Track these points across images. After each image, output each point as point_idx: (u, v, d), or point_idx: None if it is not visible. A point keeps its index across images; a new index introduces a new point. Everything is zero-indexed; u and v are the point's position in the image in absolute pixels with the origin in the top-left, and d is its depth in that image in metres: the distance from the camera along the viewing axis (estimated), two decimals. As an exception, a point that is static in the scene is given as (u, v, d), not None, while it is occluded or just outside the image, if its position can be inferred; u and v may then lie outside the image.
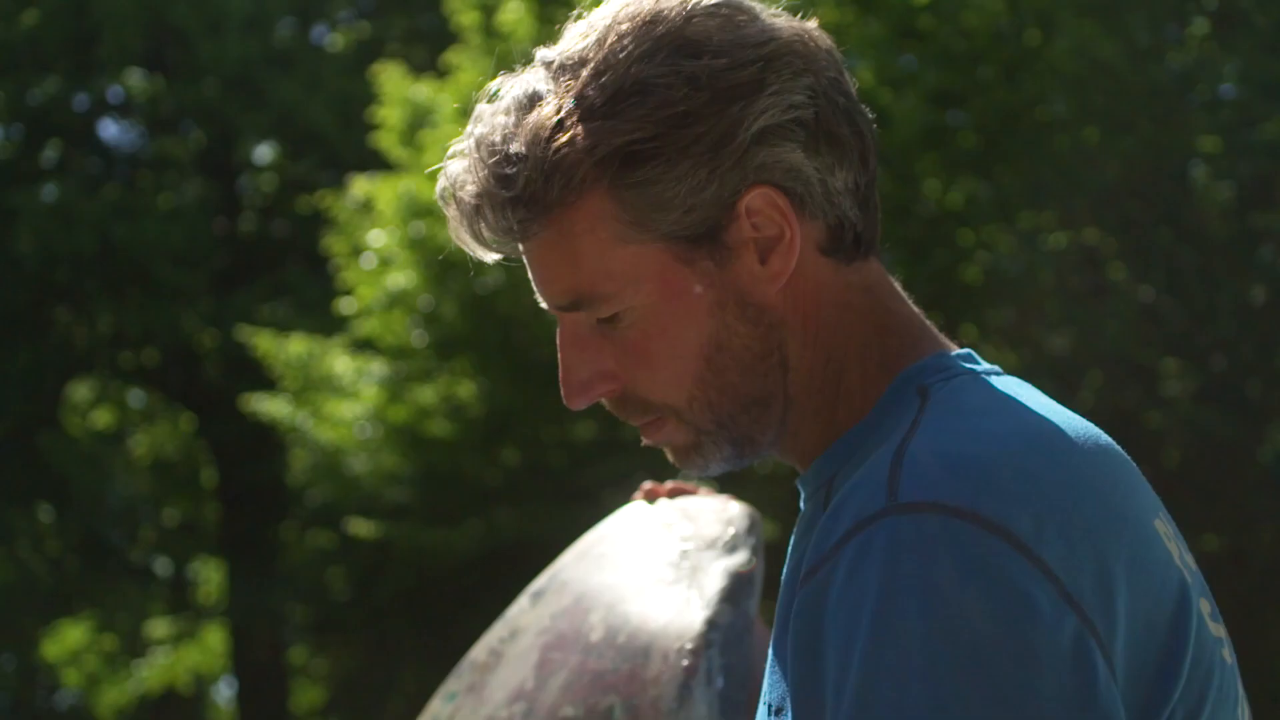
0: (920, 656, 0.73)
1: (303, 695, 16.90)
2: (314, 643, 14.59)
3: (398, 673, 13.33)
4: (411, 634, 11.28)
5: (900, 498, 0.78)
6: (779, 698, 0.87)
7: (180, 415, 16.27)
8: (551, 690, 1.25)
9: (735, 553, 1.27)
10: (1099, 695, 0.74)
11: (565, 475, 8.02)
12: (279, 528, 14.28)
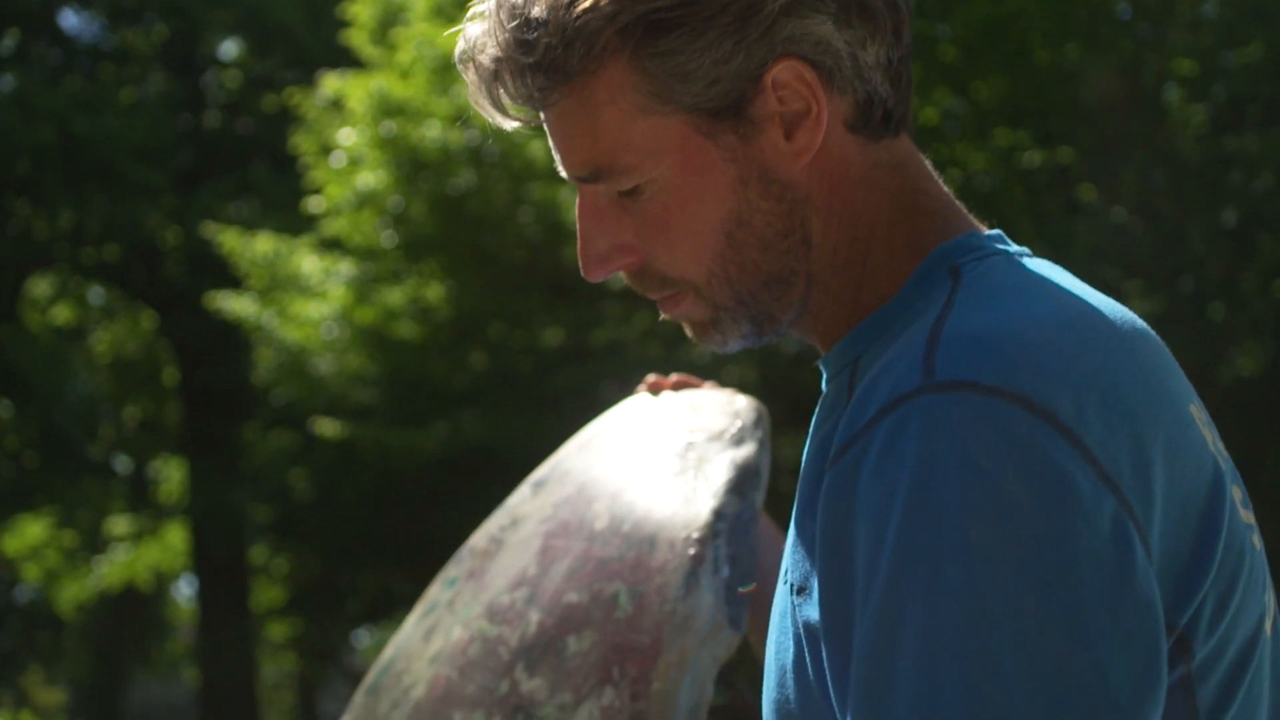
0: (956, 536, 0.73)
1: (263, 594, 16.98)
2: (275, 543, 14.62)
3: (358, 574, 13.40)
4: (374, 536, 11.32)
5: (937, 376, 0.77)
6: (802, 577, 0.87)
7: (141, 313, 16.12)
8: (555, 577, 1.25)
9: (742, 445, 1.26)
10: (1136, 578, 0.74)
11: (532, 381, 8.02)
12: (242, 428, 14.24)
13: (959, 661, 0.71)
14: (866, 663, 0.75)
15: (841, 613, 0.79)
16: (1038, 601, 0.72)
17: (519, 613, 1.25)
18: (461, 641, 1.28)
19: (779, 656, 0.90)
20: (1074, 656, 0.71)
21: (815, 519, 0.88)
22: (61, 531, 16.92)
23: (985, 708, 0.70)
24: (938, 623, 0.72)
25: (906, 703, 0.73)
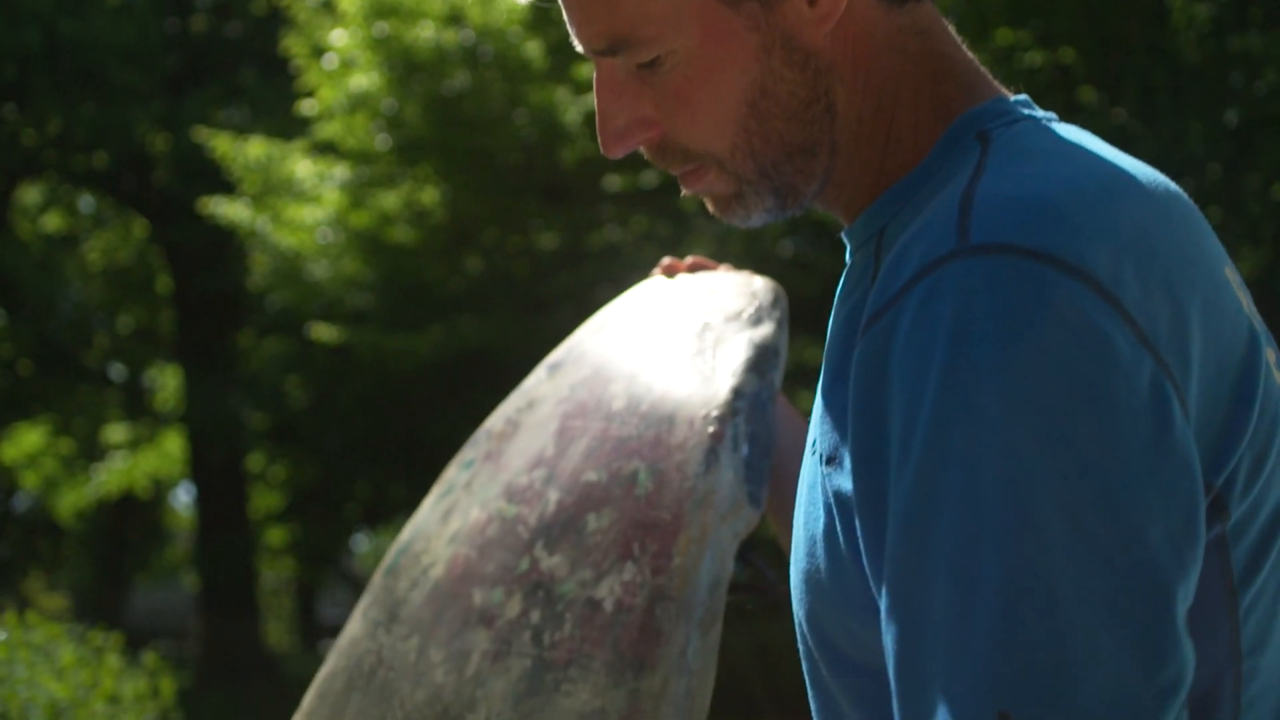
0: (994, 398, 0.73)
1: (260, 501, 17.10)
2: (272, 449, 14.69)
3: (355, 479, 13.49)
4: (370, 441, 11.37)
5: (972, 239, 0.76)
6: (831, 447, 0.87)
7: (133, 221, 16.04)
8: (573, 457, 1.25)
9: (760, 325, 1.26)
10: (1175, 438, 0.73)
11: (528, 285, 8.00)
12: (237, 334, 14.24)
13: (998, 522, 0.71)
14: (903, 528, 0.75)
15: (875, 480, 0.79)
16: (1077, 461, 0.71)
17: (537, 492, 1.26)
18: (480, 522, 1.29)
19: (808, 526, 0.90)
20: (1114, 516, 0.71)
21: (845, 388, 0.87)
22: (59, 439, 16.99)
23: (1025, 568, 0.70)
24: (976, 484, 0.72)
25: (945, 566, 0.72)
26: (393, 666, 1.28)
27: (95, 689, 4.75)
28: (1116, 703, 0.69)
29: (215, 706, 11.81)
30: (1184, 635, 0.71)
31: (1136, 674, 0.69)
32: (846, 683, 0.90)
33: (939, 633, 0.72)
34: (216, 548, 14.97)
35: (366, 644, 1.32)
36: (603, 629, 1.14)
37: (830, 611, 0.88)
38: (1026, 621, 0.69)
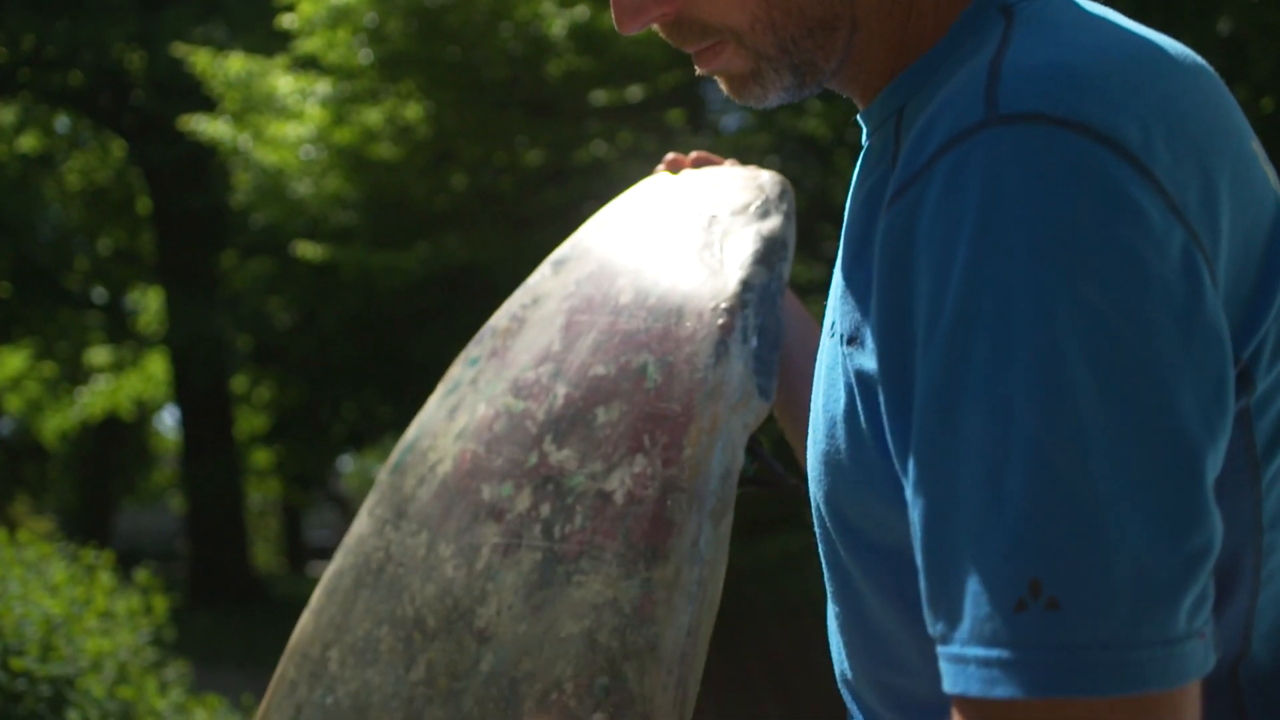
0: (1026, 266, 0.72)
1: (246, 423, 17.11)
2: (256, 370, 14.67)
3: (341, 400, 13.49)
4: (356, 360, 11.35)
5: (1000, 109, 0.75)
6: (852, 327, 0.86)
7: (111, 141, 15.86)
8: (580, 351, 1.24)
9: (767, 218, 1.24)
10: (1205, 308, 0.73)
11: (514, 201, 7.94)
12: (219, 255, 14.15)
13: (1029, 391, 0.71)
14: (931, 400, 0.74)
15: (901, 355, 0.78)
16: (1110, 330, 0.71)
17: (545, 387, 1.25)
18: (487, 417, 1.28)
19: (828, 409, 0.90)
20: (1146, 384, 0.70)
21: (865, 268, 0.86)
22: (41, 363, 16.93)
23: (1057, 436, 0.70)
24: (1007, 354, 0.71)
25: (974, 437, 0.72)
26: (402, 562, 1.28)
27: (88, 606, 4.77)
28: (1147, 569, 0.69)
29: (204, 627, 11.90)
30: (1213, 504, 0.71)
31: (1167, 541, 0.69)
32: (865, 563, 0.90)
33: (968, 504, 0.72)
34: (202, 470, 14.99)
35: (374, 541, 1.32)
36: (614, 520, 1.14)
37: (850, 492, 0.88)
38: (1058, 490, 0.69)
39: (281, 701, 1.32)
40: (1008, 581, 0.69)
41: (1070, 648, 0.68)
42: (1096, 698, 0.68)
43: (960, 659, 0.71)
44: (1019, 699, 0.69)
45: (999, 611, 0.69)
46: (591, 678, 1.09)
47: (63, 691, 4.11)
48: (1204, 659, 0.70)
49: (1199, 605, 0.71)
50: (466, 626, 1.19)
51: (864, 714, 0.96)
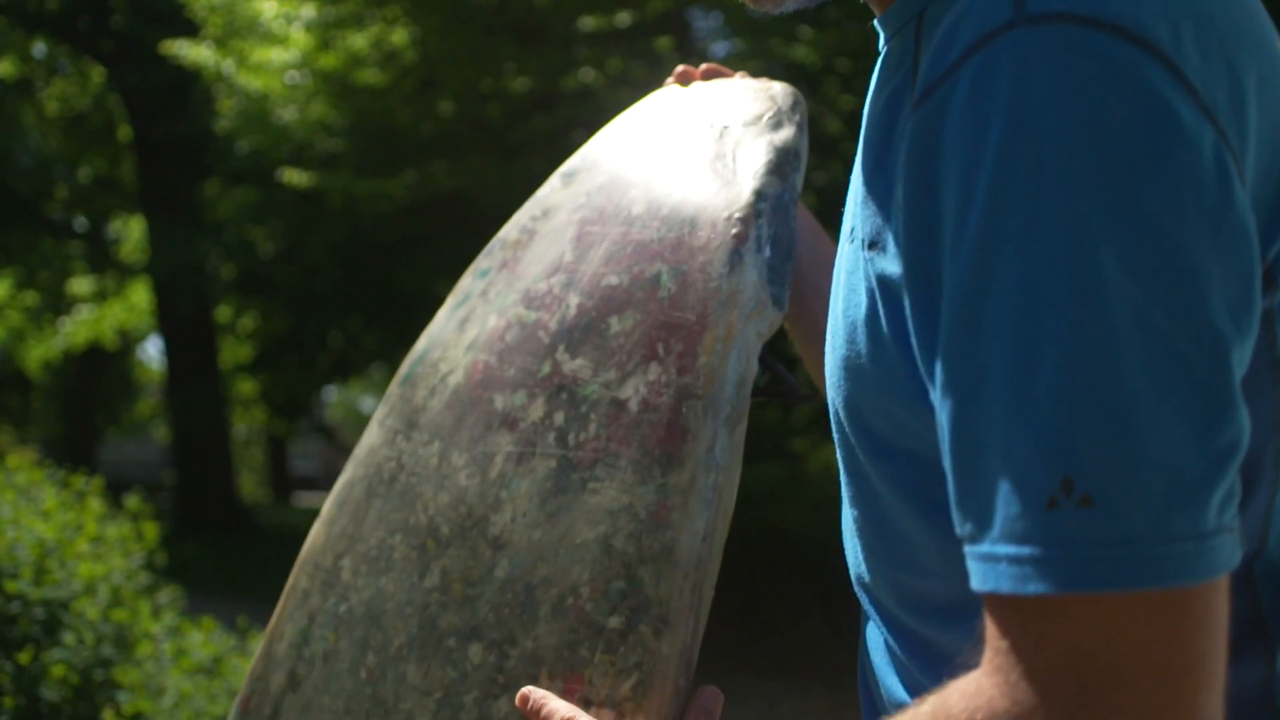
0: (1056, 165, 0.72)
1: (230, 353, 17.06)
2: (241, 300, 14.60)
3: (327, 329, 13.45)
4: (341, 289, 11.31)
5: (1028, 9, 0.74)
6: (874, 231, 0.86)
7: (90, 67, 15.66)
8: (593, 261, 1.24)
9: (780, 129, 1.24)
10: (1235, 206, 0.73)
11: (501, 128, 7.88)
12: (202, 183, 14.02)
13: (1061, 289, 0.71)
14: (960, 300, 0.74)
15: (927, 257, 0.78)
16: (1141, 227, 0.71)
17: (557, 297, 1.25)
18: (498, 328, 1.28)
19: (848, 314, 0.90)
20: (1177, 280, 0.71)
21: (885, 173, 0.86)
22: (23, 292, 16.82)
23: (1089, 334, 0.70)
24: (1038, 252, 0.71)
25: (1005, 336, 0.72)
26: (414, 472, 1.28)
27: (79, 532, 4.78)
28: (1179, 465, 0.69)
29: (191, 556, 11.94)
30: (1241, 401, 0.72)
31: (1199, 437, 0.70)
32: (885, 467, 0.91)
33: (999, 403, 0.72)
34: (187, 400, 14.96)
35: (385, 451, 1.32)
36: (629, 428, 1.14)
37: (870, 397, 0.89)
38: (1091, 387, 0.70)
39: (294, 611, 1.33)
40: (1040, 480, 0.70)
41: (1103, 543, 0.69)
42: (1129, 591, 0.69)
43: (991, 557, 0.72)
44: (1052, 594, 0.69)
45: (1031, 510, 0.70)
46: (607, 582, 1.10)
47: (57, 614, 4.14)
48: (1232, 553, 0.71)
49: (1227, 501, 0.72)
50: (481, 534, 1.20)
51: (880, 615, 0.98)
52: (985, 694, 0.72)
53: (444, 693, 1.17)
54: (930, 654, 0.92)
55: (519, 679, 1.12)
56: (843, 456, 0.98)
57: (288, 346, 14.85)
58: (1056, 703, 0.70)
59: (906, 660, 0.95)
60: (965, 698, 0.74)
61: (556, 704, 1.07)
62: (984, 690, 0.73)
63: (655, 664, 1.06)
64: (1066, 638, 0.70)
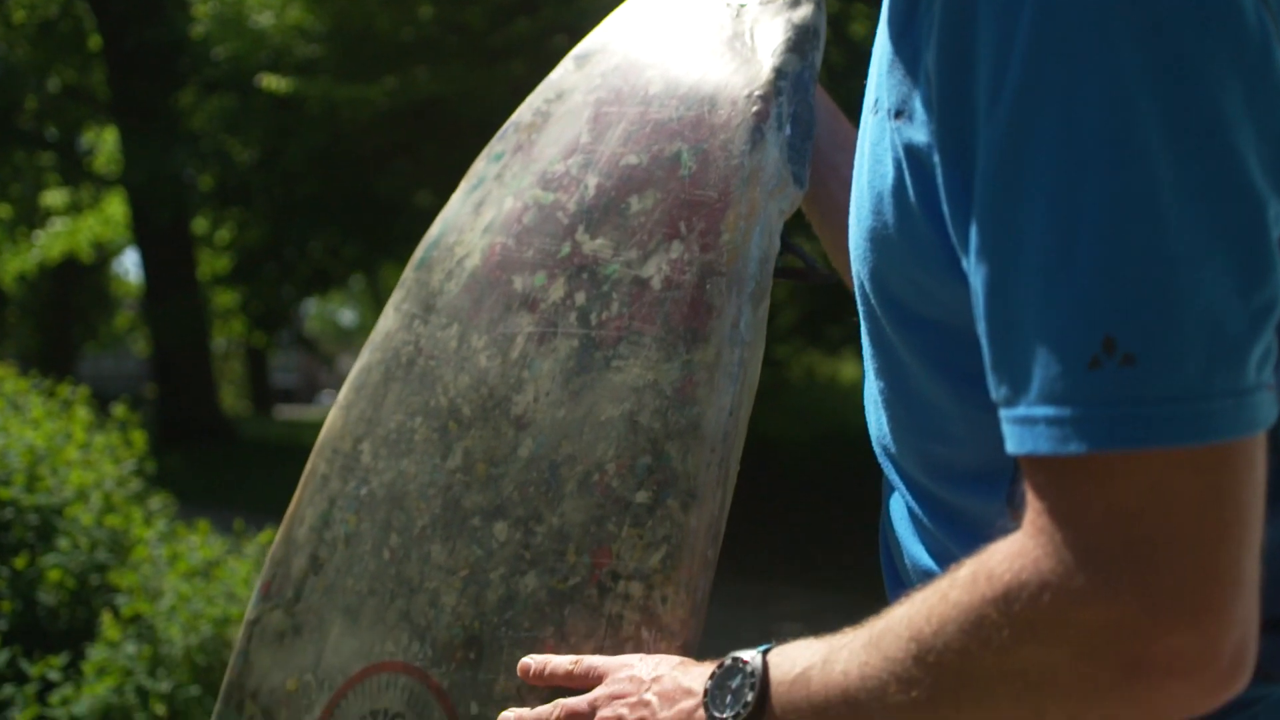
0: (1095, 23, 0.71)
1: (208, 265, 16.96)
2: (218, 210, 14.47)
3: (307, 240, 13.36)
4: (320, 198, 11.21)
5: None
6: (900, 100, 0.86)
7: (57, -27, 15.34)
8: (610, 141, 1.23)
9: (798, 6, 1.23)
10: (1274, 70, 0.73)
11: (482, 33, 7.77)
12: (177, 92, 13.83)
13: (1101, 147, 0.71)
14: (997, 165, 0.74)
15: (960, 122, 0.78)
16: (1180, 88, 0.71)
17: (575, 178, 1.24)
18: (515, 210, 1.27)
19: (874, 184, 0.90)
20: (1216, 141, 0.71)
21: (913, 39, 0.85)
22: (-4, 204, 16.64)
23: (1129, 193, 0.70)
24: (1077, 111, 0.71)
25: (1043, 197, 0.72)
26: (433, 355, 1.28)
27: (69, 440, 4.78)
28: (1220, 322, 0.70)
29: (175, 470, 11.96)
30: (1277, 259, 0.72)
31: (1238, 295, 0.71)
32: (911, 337, 0.91)
33: (1037, 266, 0.72)
34: (165, 312, 14.89)
35: (403, 336, 1.32)
36: (652, 306, 1.14)
37: (897, 267, 0.89)
38: (1131, 247, 0.70)
39: (313, 495, 1.33)
40: (1080, 340, 0.70)
41: (1145, 401, 0.69)
42: (1171, 448, 0.69)
43: (1028, 420, 0.73)
44: (1094, 453, 0.70)
45: (1072, 370, 0.70)
46: (634, 458, 1.11)
47: (50, 520, 4.15)
48: (1272, 409, 0.72)
49: (1266, 358, 0.72)
50: (503, 414, 1.20)
51: (906, 485, 0.99)
52: (1030, 554, 0.73)
53: (470, 570, 1.18)
54: (959, 521, 0.93)
55: (546, 555, 1.13)
56: (868, 329, 0.99)
57: (266, 258, 14.76)
58: (1101, 562, 0.70)
59: (933, 528, 0.96)
60: (1009, 558, 0.74)
61: (558, 660, 1.09)
62: (1028, 551, 0.73)
63: (684, 537, 1.07)
64: (1108, 497, 0.70)
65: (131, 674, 3.43)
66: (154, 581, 3.87)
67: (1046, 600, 0.72)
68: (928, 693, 0.79)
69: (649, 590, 1.07)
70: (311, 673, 1.27)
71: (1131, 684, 0.71)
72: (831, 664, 0.86)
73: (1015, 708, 0.76)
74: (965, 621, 0.76)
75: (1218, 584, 0.69)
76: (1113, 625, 0.70)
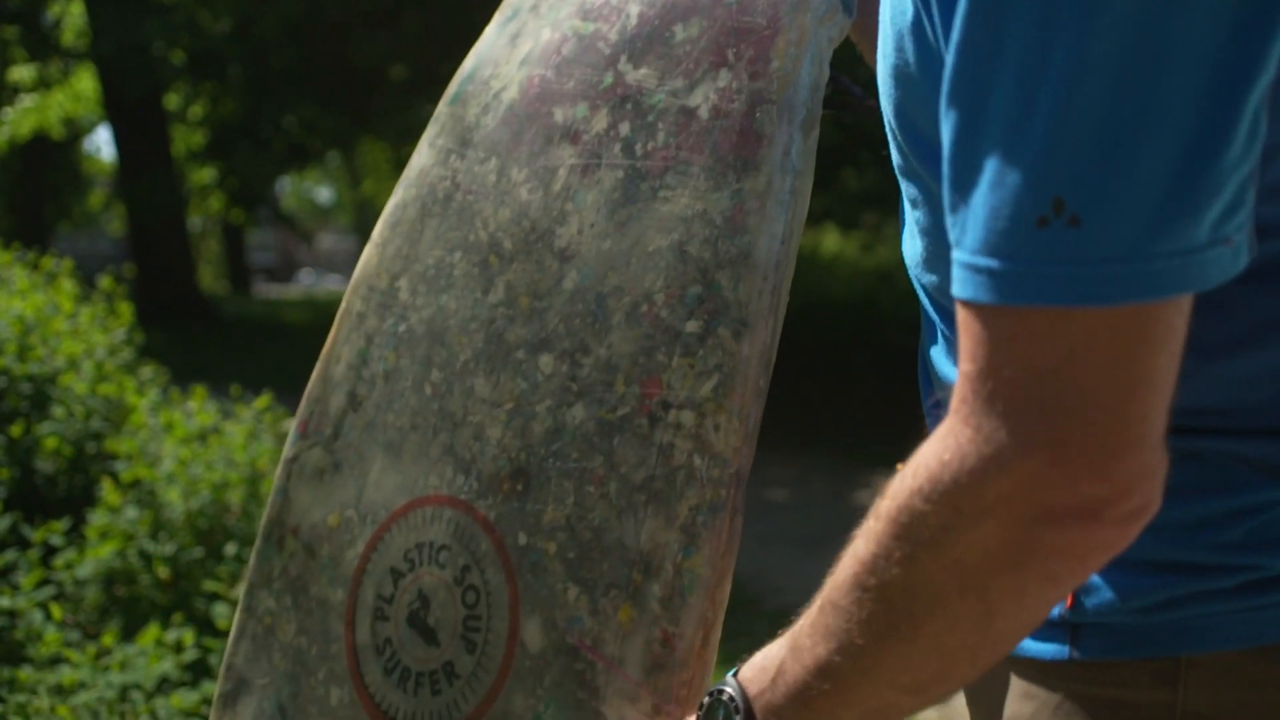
0: None
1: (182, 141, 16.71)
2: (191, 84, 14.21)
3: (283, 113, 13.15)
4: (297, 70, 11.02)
5: None
6: None
7: None
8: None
9: None
10: None
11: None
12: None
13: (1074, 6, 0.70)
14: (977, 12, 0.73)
15: None
16: None
17: (616, 8, 1.21)
18: (554, 42, 1.25)
19: (895, 22, 0.89)
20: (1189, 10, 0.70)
21: None
22: (-37, 79, 16.28)
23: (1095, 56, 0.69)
24: None
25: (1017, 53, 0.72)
26: (471, 190, 1.26)
27: (57, 311, 4.75)
28: (1171, 186, 0.70)
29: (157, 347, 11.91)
30: (1245, 122, 0.71)
31: (1191, 157, 0.70)
32: (936, 169, 0.91)
33: (1000, 119, 0.73)
34: (141, 188, 14.70)
35: (439, 171, 1.30)
36: (700, 135, 1.12)
37: (920, 103, 0.89)
38: (1090, 110, 0.70)
39: (350, 334, 1.33)
40: (1031, 197, 0.71)
41: (1087, 261, 0.70)
42: (1101, 308, 0.71)
43: (974, 267, 0.74)
44: (1032, 307, 0.71)
45: (1020, 226, 0.71)
46: (683, 288, 1.10)
47: (44, 389, 4.14)
48: (1230, 263, 0.73)
49: (1228, 214, 0.73)
50: (547, 247, 1.19)
51: (936, 309, 0.99)
52: (951, 434, 0.75)
53: (515, 403, 1.18)
54: None
55: (594, 386, 1.13)
56: (899, 162, 0.99)
57: (242, 133, 14.54)
58: (1016, 424, 0.72)
59: None
60: (932, 449, 0.76)
61: None
62: (950, 432, 0.75)
63: (736, 365, 1.07)
64: (1030, 355, 0.72)
65: (133, 538, 3.45)
66: (152, 448, 3.88)
67: (967, 477, 0.74)
68: (884, 622, 0.80)
69: (701, 419, 1.07)
70: (353, 508, 1.28)
71: (1052, 535, 0.74)
72: (799, 648, 0.87)
73: (963, 600, 0.77)
74: (898, 527, 0.78)
75: (1124, 438, 0.72)
76: (1028, 483, 0.72)
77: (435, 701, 1.19)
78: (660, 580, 1.06)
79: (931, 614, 0.79)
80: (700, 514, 1.06)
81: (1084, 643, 0.90)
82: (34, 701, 2.63)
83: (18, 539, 3.54)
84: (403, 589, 1.22)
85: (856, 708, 0.85)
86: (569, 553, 1.11)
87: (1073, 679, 0.91)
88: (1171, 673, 0.87)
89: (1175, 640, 0.87)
